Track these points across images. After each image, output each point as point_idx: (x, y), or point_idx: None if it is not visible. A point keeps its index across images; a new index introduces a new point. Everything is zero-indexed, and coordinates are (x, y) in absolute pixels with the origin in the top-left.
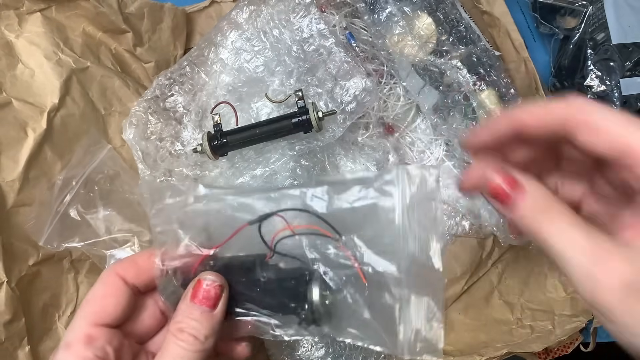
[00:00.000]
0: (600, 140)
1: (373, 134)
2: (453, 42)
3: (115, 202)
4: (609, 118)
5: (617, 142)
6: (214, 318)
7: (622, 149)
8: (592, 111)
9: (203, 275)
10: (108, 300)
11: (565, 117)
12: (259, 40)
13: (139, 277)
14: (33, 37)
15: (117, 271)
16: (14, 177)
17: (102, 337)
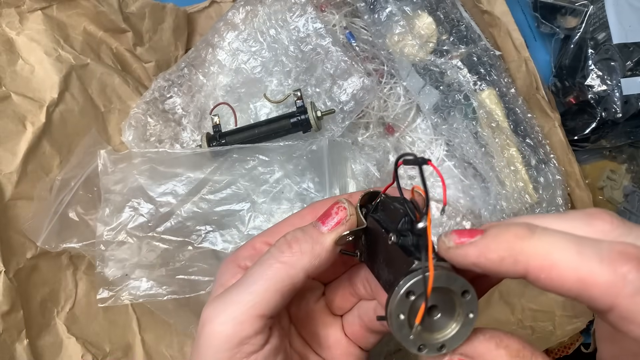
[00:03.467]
0: (563, 280)
1: (373, 134)
2: (453, 41)
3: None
4: (563, 248)
5: (575, 276)
6: (319, 237)
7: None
8: (541, 243)
9: (341, 198)
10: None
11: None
12: (256, 40)
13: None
14: (34, 34)
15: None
16: (12, 169)
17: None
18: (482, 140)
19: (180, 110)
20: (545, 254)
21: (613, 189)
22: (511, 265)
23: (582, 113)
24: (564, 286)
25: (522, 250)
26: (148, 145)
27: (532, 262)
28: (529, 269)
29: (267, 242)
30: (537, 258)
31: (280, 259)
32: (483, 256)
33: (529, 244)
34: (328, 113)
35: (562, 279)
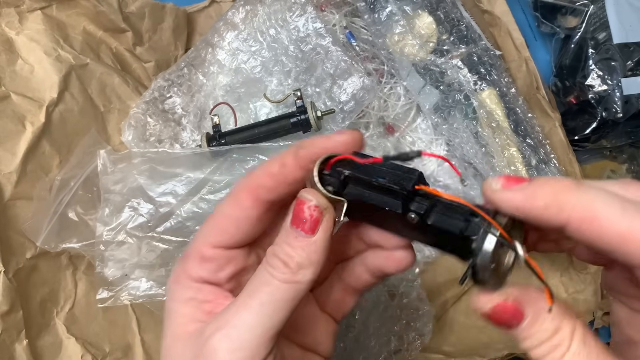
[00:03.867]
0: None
1: (373, 134)
2: (454, 41)
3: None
4: (607, 203)
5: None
6: (310, 246)
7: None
8: (587, 196)
9: (301, 193)
10: (229, 222)
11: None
12: (256, 40)
13: (276, 190)
14: (33, 34)
15: (249, 187)
16: (12, 169)
17: (218, 260)
18: (483, 140)
19: (180, 110)
20: (589, 206)
21: None
22: (554, 214)
23: (582, 113)
24: (603, 239)
25: (567, 199)
26: (148, 145)
27: (575, 212)
28: (571, 218)
29: (214, 245)
30: (581, 209)
31: (283, 278)
32: (529, 202)
33: (575, 194)
34: (328, 113)
35: (603, 231)
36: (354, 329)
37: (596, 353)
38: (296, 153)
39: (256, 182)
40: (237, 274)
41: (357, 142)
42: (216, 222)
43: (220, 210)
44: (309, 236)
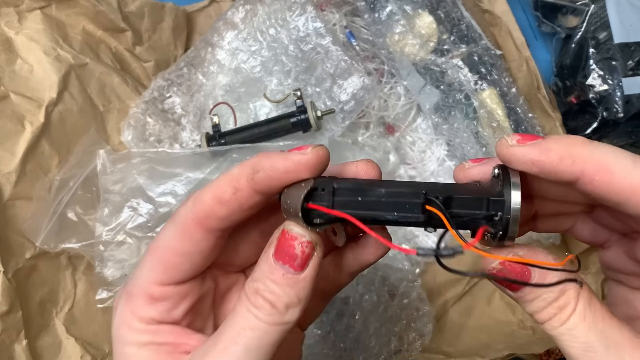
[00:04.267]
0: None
1: (373, 134)
2: (454, 41)
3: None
4: (618, 157)
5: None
6: (299, 283)
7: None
8: (600, 150)
9: (288, 226)
10: (179, 258)
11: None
12: (256, 40)
13: (229, 218)
14: (32, 33)
15: (198, 217)
16: (11, 169)
17: (170, 298)
18: (483, 140)
19: (180, 109)
20: (603, 159)
21: None
22: (568, 166)
23: (583, 113)
24: (614, 190)
25: (581, 152)
26: (147, 145)
27: (589, 165)
28: (585, 170)
29: (163, 283)
30: (594, 161)
31: (271, 321)
32: (544, 154)
33: (588, 148)
34: (328, 113)
35: (615, 183)
36: (354, 329)
37: (601, 315)
38: (251, 177)
39: (206, 211)
40: (194, 306)
41: (322, 162)
42: (162, 258)
43: (165, 244)
44: (297, 273)
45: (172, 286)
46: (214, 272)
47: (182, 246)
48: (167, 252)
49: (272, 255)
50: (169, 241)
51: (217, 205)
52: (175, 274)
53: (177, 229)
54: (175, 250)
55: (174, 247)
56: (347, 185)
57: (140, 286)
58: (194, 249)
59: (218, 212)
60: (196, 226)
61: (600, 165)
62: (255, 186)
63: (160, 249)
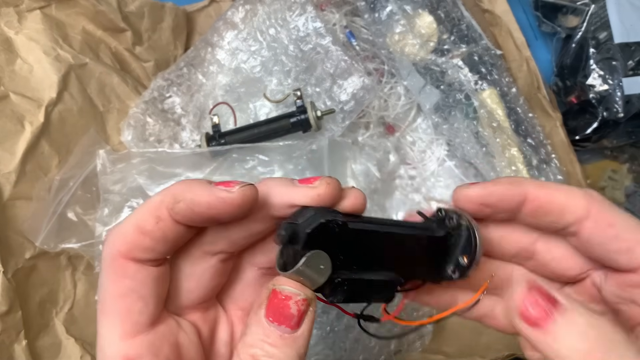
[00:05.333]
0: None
1: (374, 134)
2: (454, 40)
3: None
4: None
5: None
6: (298, 340)
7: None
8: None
9: (278, 284)
10: (128, 299)
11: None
12: (256, 40)
13: (155, 249)
14: (32, 33)
15: (120, 250)
16: (11, 169)
17: (146, 348)
18: (483, 140)
19: (180, 109)
20: (542, 183)
21: (614, 189)
22: (512, 195)
23: (583, 113)
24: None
25: (522, 182)
26: (147, 145)
27: (530, 191)
28: (527, 196)
29: (130, 336)
30: (534, 189)
31: None
32: (491, 188)
33: (527, 180)
34: (328, 113)
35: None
36: (354, 329)
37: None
38: (171, 207)
39: (128, 243)
40: (176, 358)
41: (249, 202)
42: (113, 309)
43: (107, 293)
44: (295, 331)
45: (143, 335)
46: (186, 314)
47: (121, 285)
48: (112, 299)
49: (265, 316)
50: (107, 287)
51: (139, 235)
52: (133, 317)
53: (108, 271)
54: (117, 293)
55: (115, 290)
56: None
57: (111, 355)
58: (135, 283)
59: (142, 242)
60: (124, 260)
61: (541, 187)
62: (176, 217)
63: (105, 301)
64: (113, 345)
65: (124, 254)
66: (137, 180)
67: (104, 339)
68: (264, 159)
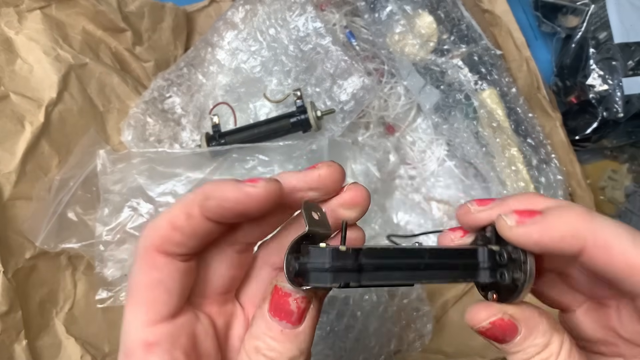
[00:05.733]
0: (613, 261)
1: (373, 134)
2: (454, 41)
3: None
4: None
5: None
6: (299, 336)
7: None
8: (600, 226)
9: (280, 282)
10: (154, 289)
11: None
12: (256, 40)
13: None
14: (32, 33)
15: (154, 243)
16: (11, 169)
17: (165, 337)
18: (483, 140)
19: (180, 110)
20: (603, 236)
21: (614, 189)
22: (569, 244)
23: (583, 113)
24: (612, 268)
25: (582, 229)
26: (147, 145)
27: (589, 242)
28: (586, 246)
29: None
30: (594, 239)
31: None
32: (546, 234)
33: (590, 225)
34: (328, 113)
35: (613, 260)
36: (354, 329)
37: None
38: (202, 204)
39: (161, 237)
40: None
41: (273, 196)
42: (139, 296)
43: (136, 281)
44: (296, 327)
45: (164, 324)
46: (204, 306)
47: (151, 276)
48: (140, 288)
49: (268, 311)
50: (137, 277)
51: (171, 230)
52: (157, 307)
53: (140, 262)
54: (146, 283)
55: (144, 280)
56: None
57: (133, 338)
58: (163, 276)
59: (173, 237)
60: (155, 253)
61: (600, 243)
62: (207, 213)
63: (133, 289)
64: (135, 331)
65: (156, 247)
66: (137, 180)
67: (129, 324)
68: (264, 159)
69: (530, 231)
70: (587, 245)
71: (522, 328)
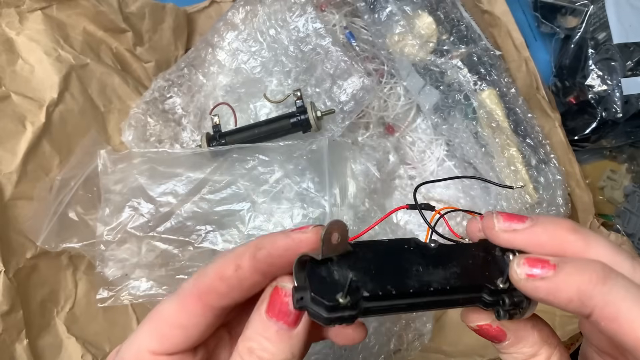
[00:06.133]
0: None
1: (373, 134)
2: (454, 41)
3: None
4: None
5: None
6: (293, 339)
7: None
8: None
9: (281, 282)
10: (174, 329)
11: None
12: (256, 40)
13: (229, 295)
14: (33, 34)
15: (199, 291)
16: (12, 169)
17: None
18: (483, 140)
19: (180, 110)
20: (613, 306)
21: (613, 189)
22: (577, 307)
23: (582, 113)
24: (620, 337)
25: (592, 296)
26: (148, 145)
27: (598, 309)
28: (593, 313)
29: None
30: (603, 307)
31: None
32: (552, 294)
33: (600, 291)
34: (328, 113)
35: (622, 331)
36: None
37: None
38: (254, 254)
39: (206, 286)
40: None
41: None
42: (158, 326)
43: (164, 313)
44: (291, 329)
45: (164, 357)
46: (208, 345)
47: (180, 318)
48: (164, 321)
49: (265, 311)
50: (167, 311)
51: (218, 280)
52: (168, 345)
53: (177, 301)
54: (172, 322)
55: (172, 318)
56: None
57: (132, 354)
58: (191, 323)
59: (218, 287)
60: (196, 300)
61: (609, 312)
62: (257, 264)
63: (158, 318)
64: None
65: (199, 294)
66: (138, 180)
67: (136, 341)
68: (264, 159)
69: (538, 287)
70: (595, 312)
71: (511, 336)
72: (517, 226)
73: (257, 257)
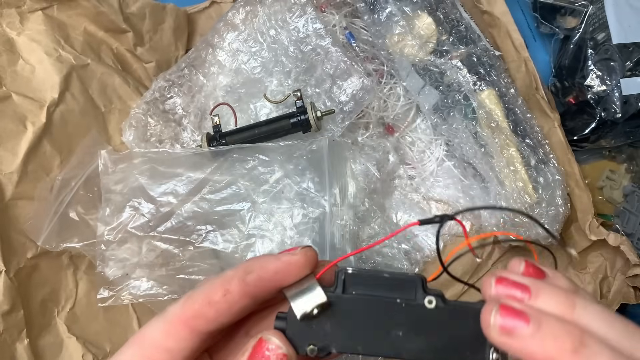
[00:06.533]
0: None
1: (373, 134)
2: (453, 42)
3: None
4: None
5: None
6: None
7: None
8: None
9: (266, 335)
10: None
11: None
12: (256, 41)
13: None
14: (34, 34)
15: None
16: (13, 169)
17: None
18: (482, 140)
19: (181, 110)
20: None
21: (612, 189)
22: None
23: (581, 113)
24: None
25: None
26: (148, 146)
27: None
28: None
29: None
30: None
31: None
32: (523, 354)
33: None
34: (328, 113)
35: None
36: None
37: None
38: (243, 278)
39: (194, 311)
40: None
41: (311, 262)
42: (144, 349)
43: (149, 337)
44: None
45: None
46: None
47: (166, 342)
48: (150, 344)
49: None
50: (154, 334)
51: (206, 306)
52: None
53: (164, 325)
54: (159, 345)
55: (159, 341)
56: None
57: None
58: (178, 347)
59: (207, 313)
60: (183, 325)
61: None
62: (246, 287)
63: (145, 340)
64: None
65: (186, 320)
66: (139, 180)
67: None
68: (264, 159)
69: (509, 344)
70: None
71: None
72: (516, 328)
73: (247, 281)
